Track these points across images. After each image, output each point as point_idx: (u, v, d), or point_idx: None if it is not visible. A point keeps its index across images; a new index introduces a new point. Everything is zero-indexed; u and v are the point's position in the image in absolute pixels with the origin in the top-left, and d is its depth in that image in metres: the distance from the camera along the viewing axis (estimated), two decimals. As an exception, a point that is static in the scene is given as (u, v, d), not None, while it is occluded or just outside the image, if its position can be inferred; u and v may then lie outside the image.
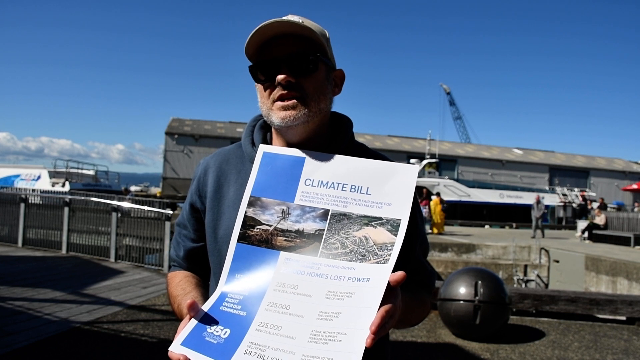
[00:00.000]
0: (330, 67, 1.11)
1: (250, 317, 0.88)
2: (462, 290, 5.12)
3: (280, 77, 1.02)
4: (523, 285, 12.81)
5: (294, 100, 1.03)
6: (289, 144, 1.11)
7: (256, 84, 1.11)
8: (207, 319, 0.90)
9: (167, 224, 8.59)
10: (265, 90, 1.07)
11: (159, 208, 9.61)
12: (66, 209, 9.79)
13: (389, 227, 0.92)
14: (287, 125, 1.04)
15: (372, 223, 0.94)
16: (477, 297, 5.02)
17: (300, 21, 1.04)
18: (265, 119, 1.11)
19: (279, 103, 1.03)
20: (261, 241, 0.98)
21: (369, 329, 0.79)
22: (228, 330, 0.87)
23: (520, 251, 14.07)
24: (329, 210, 0.97)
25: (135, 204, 10.65)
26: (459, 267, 11.95)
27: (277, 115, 1.04)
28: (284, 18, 1.02)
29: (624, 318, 6.10)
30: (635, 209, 29.19)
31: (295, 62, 1.03)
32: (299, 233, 0.96)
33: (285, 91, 1.03)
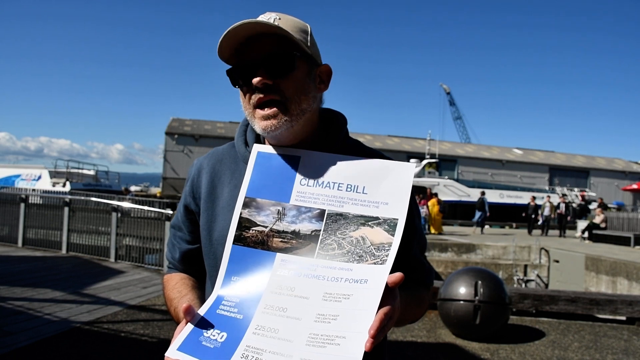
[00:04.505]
0: (313, 63, 1.06)
1: (247, 320, 0.87)
2: (462, 290, 5.12)
3: (255, 80, 0.98)
4: (523, 285, 12.81)
5: (275, 109, 0.99)
6: (276, 145, 1.09)
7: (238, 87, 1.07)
8: (204, 323, 0.89)
9: (167, 224, 8.57)
10: (245, 95, 1.04)
11: (159, 208, 9.61)
12: (66, 209, 9.79)
13: (386, 226, 0.91)
14: (271, 136, 1.03)
15: (369, 223, 0.92)
16: (477, 297, 5.02)
17: (273, 19, 0.99)
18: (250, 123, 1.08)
19: (259, 112, 1.00)
20: (257, 243, 0.96)
21: (368, 332, 0.78)
22: (225, 334, 0.86)
23: (520, 251, 14.07)
24: (325, 210, 0.96)
25: (135, 204, 10.64)
26: (459, 267, 11.94)
27: (258, 125, 1.01)
28: (257, 19, 0.97)
29: (624, 318, 6.10)
30: None
31: (270, 64, 0.98)
32: (295, 234, 0.95)
33: (263, 94, 0.99)
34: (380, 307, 0.81)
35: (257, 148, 1.08)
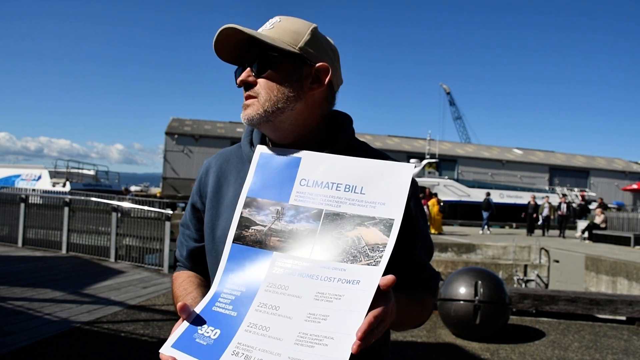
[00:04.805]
0: (302, 62, 1.07)
1: (240, 318, 0.88)
2: (462, 290, 5.12)
3: (238, 79, 1.09)
4: (523, 285, 12.81)
5: (249, 100, 1.07)
6: (277, 144, 1.12)
7: None
8: (199, 320, 0.91)
9: (167, 224, 8.58)
10: None
11: (159, 208, 9.61)
12: (66, 209, 9.79)
13: (382, 227, 0.91)
14: (248, 124, 1.09)
15: (365, 223, 0.92)
16: (477, 297, 5.02)
17: (272, 24, 1.08)
18: None
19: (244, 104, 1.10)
20: (255, 242, 0.98)
21: (355, 334, 0.78)
22: (218, 331, 0.87)
23: (520, 251, 14.06)
24: (322, 210, 0.97)
25: (135, 204, 10.65)
26: (459, 267, 11.94)
27: (241, 116, 1.10)
28: (233, 25, 1.03)
29: (624, 318, 6.10)
30: None
31: (251, 64, 1.07)
32: (292, 233, 0.96)
33: (246, 92, 1.08)
34: (372, 309, 0.81)
35: (260, 149, 1.10)
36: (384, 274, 0.85)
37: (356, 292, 0.84)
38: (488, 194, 21.19)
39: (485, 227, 20.64)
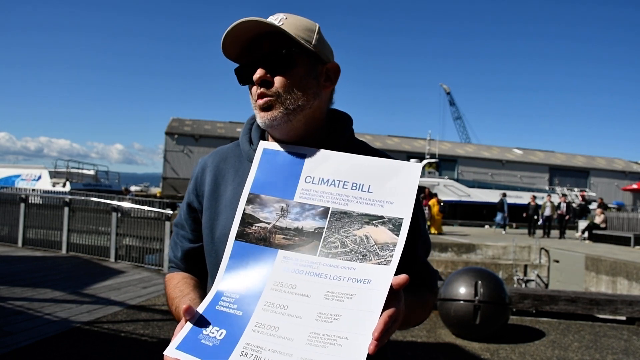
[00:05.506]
0: (317, 61, 1.07)
1: (246, 317, 0.86)
2: (462, 290, 5.12)
3: (255, 75, 1.02)
4: (523, 285, 12.81)
5: (269, 99, 1.02)
6: (279, 142, 1.10)
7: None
8: (203, 320, 0.88)
9: (167, 224, 8.58)
10: (250, 92, 1.08)
11: (159, 208, 9.61)
12: (66, 209, 9.80)
13: (391, 226, 0.90)
14: (268, 126, 1.05)
15: (374, 222, 0.91)
16: (477, 297, 5.02)
17: (279, 20, 1.03)
18: None
19: (258, 102, 1.04)
20: (259, 239, 0.95)
21: (372, 335, 0.77)
22: (224, 331, 0.85)
23: (520, 251, 14.06)
24: (329, 208, 0.95)
25: (135, 204, 10.65)
26: (459, 267, 11.93)
27: (258, 117, 1.05)
28: (257, 18, 1.00)
29: (624, 318, 6.10)
30: None
31: (269, 60, 1.02)
32: (298, 231, 0.94)
33: (262, 89, 1.03)
34: (384, 309, 0.80)
35: (263, 145, 1.07)
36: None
37: (368, 292, 0.83)
38: (504, 195, 21.36)
39: (497, 227, 21.03)
